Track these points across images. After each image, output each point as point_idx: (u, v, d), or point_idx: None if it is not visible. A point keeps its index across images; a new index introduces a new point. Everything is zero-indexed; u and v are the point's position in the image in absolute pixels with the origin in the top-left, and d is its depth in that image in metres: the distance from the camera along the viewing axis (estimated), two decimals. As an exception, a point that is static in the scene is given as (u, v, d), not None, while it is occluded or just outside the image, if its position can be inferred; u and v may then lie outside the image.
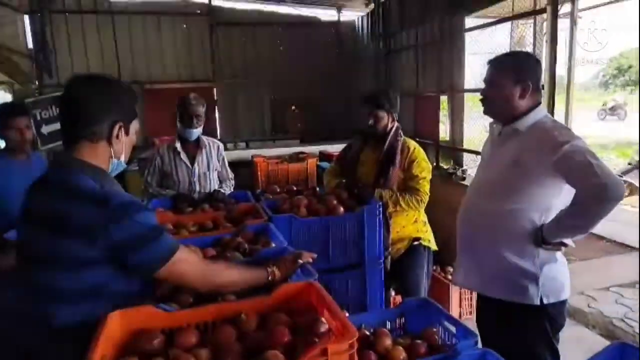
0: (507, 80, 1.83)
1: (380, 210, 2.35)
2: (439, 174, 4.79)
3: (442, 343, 1.48)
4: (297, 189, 2.83)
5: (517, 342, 1.79)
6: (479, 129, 4.93)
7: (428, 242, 2.70)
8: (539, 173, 1.72)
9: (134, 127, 1.39)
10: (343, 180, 2.81)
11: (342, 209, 2.32)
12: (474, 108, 5.12)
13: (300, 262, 1.54)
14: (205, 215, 2.41)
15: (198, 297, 1.43)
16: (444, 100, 5.55)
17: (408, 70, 6.45)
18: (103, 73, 1.41)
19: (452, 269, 3.71)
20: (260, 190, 2.93)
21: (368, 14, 8.02)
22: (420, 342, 1.43)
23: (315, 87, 8.86)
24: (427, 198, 2.58)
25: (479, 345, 1.34)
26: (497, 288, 1.86)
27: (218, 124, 8.41)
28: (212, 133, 6.93)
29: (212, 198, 2.77)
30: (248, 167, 5.58)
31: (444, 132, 5.71)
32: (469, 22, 5.08)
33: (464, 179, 4.73)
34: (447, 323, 1.48)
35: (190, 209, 2.59)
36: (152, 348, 1.16)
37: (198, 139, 3.00)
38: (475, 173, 2.07)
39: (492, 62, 1.92)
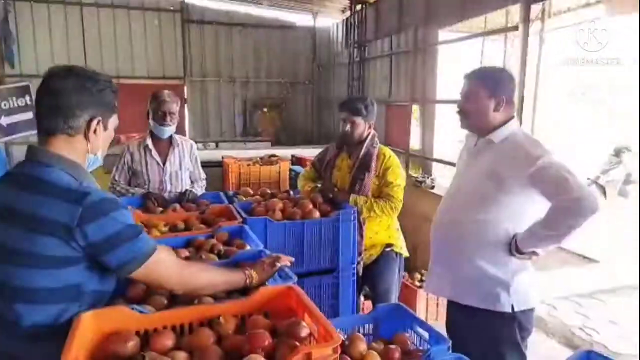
0: (482, 94, 1.88)
1: (355, 216, 2.37)
2: (409, 182, 4.86)
3: (414, 348, 1.49)
4: (271, 192, 2.80)
5: (487, 348, 1.83)
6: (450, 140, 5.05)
7: (400, 248, 2.73)
8: (513, 184, 1.77)
9: (113, 122, 1.34)
10: (317, 185, 2.82)
11: (317, 213, 2.32)
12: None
13: (279, 265, 1.52)
14: (177, 216, 2.35)
15: (172, 299, 1.40)
16: (416, 110, 5.65)
17: (381, 79, 6.55)
18: (82, 66, 1.35)
19: (419, 275, 3.77)
20: (234, 192, 2.88)
21: (343, 21, 8.09)
22: (394, 347, 1.44)
23: (288, 90, 8.86)
24: (400, 205, 2.61)
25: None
26: (469, 295, 1.90)
27: (187, 123, 8.28)
28: (181, 132, 6.77)
29: (183, 198, 2.72)
30: (217, 168, 5.50)
31: (415, 141, 5.81)
32: (443, 35, 5.20)
33: (433, 187, 4.82)
34: (419, 328, 1.49)
35: (161, 209, 2.52)
36: (126, 351, 1.12)
37: (170, 137, 2.93)
38: (451, 182, 2.11)
39: (468, 76, 1.97)
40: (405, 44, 5.82)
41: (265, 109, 8.85)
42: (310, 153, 5.97)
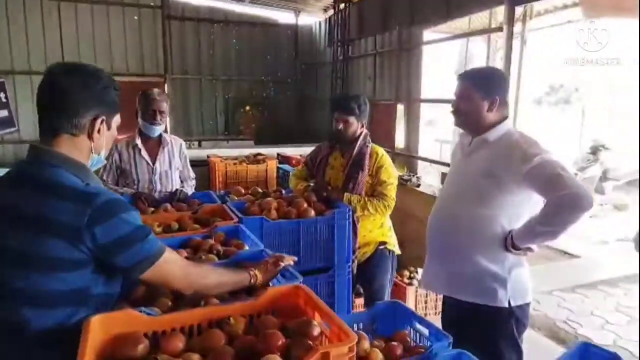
0: (475, 94, 1.91)
1: (350, 214, 2.38)
2: (395, 181, 4.90)
3: (414, 345, 1.50)
4: (263, 191, 2.79)
5: (484, 342, 1.85)
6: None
7: (393, 246, 2.76)
8: (509, 182, 1.80)
9: (116, 121, 1.32)
10: (310, 184, 2.82)
11: (313, 212, 2.32)
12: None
13: (282, 265, 1.52)
14: (170, 216, 2.32)
15: (175, 300, 1.38)
16: (400, 109, 5.70)
17: (365, 78, 6.58)
18: (84, 62, 1.32)
19: (407, 272, 3.81)
20: (225, 192, 2.86)
21: (326, 20, 8.09)
22: (396, 344, 1.45)
23: (271, 88, 8.82)
24: (393, 203, 2.63)
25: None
26: (466, 291, 1.93)
27: (168, 121, 8.15)
28: (162, 130, 6.70)
29: (174, 198, 2.68)
30: (202, 167, 5.44)
31: (399, 139, 5.86)
32: (429, 35, 5.25)
33: (419, 186, 4.87)
34: (419, 325, 1.51)
35: (152, 209, 2.49)
36: (136, 354, 1.10)
37: (160, 136, 2.89)
38: (445, 181, 2.13)
39: (461, 76, 2.00)
40: (390, 44, 5.86)
41: (248, 108, 8.79)
42: (295, 152, 5.96)
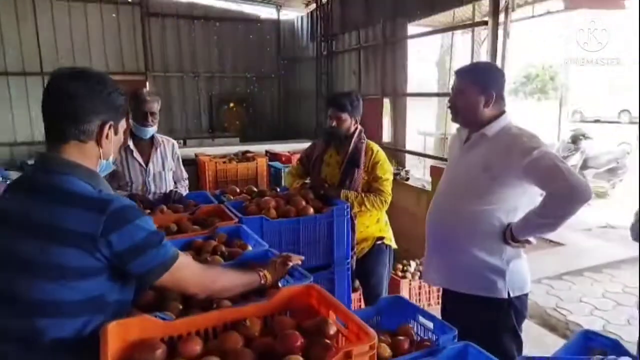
0: (472, 90, 1.93)
1: (348, 211, 2.39)
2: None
3: (419, 339, 1.53)
4: (258, 190, 2.78)
5: (484, 334, 1.88)
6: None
7: (390, 240, 2.79)
8: (508, 176, 1.84)
9: (122, 126, 1.31)
10: (306, 182, 2.82)
11: (311, 210, 2.33)
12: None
13: (290, 264, 1.53)
14: (168, 217, 2.29)
15: (185, 303, 1.38)
16: (387, 103, 5.73)
17: (350, 73, 6.58)
18: (89, 67, 1.30)
19: (401, 266, 3.85)
20: (220, 191, 2.85)
21: (308, 14, 8.06)
22: (403, 338, 1.47)
23: (255, 85, 8.77)
24: (390, 199, 2.66)
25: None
26: (466, 284, 1.97)
27: (151, 120, 8.04)
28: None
29: (169, 199, 2.66)
30: (189, 166, 5.39)
31: (385, 134, 5.90)
32: (412, 29, 5.28)
33: (408, 180, 4.92)
34: (423, 319, 1.54)
35: (148, 211, 2.46)
36: (154, 359, 1.10)
37: (152, 137, 2.87)
38: (443, 175, 2.16)
39: (458, 72, 2.02)
40: (374, 38, 5.88)
41: (232, 105, 8.72)
42: (283, 148, 5.95)
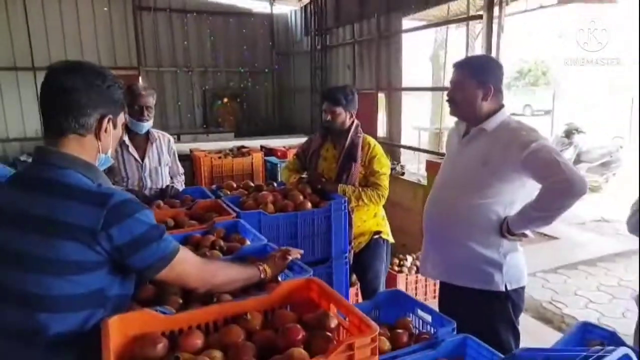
0: (470, 84, 1.94)
1: (345, 205, 2.40)
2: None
3: (418, 332, 1.54)
4: (255, 185, 2.78)
5: (482, 327, 1.89)
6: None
7: (387, 235, 2.80)
8: (506, 170, 1.84)
9: (121, 119, 1.30)
10: (303, 176, 2.82)
11: (309, 204, 2.33)
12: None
13: (289, 258, 1.53)
14: (165, 213, 2.29)
15: (185, 297, 1.38)
16: (382, 97, 5.73)
17: (344, 67, 6.57)
18: (86, 61, 1.29)
19: (397, 260, 3.87)
20: (217, 186, 2.84)
21: (302, 9, 8.02)
22: (402, 331, 1.48)
23: (248, 80, 8.72)
24: (387, 193, 2.67)
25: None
26: (464, 277, 1.98)
27: (145, 115, 7.98)
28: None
29: (165, 194, 2.65)
30: (184, 161, 5.37)
31: (380, 128, 5.90)
32: (407, 23, 5.27)
33: (403, 174, 4.93)
34: (421, 312, 1.55)
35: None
36: (156, 353, 1.10)
37: (147, 132, 2.85)
38: (441, 169, 2.17)
39: (456, 65, 2.02)
40: (369, 32, 5.86)
41: (226, 99, 8.68)
42: (279, 143, 5.94)
